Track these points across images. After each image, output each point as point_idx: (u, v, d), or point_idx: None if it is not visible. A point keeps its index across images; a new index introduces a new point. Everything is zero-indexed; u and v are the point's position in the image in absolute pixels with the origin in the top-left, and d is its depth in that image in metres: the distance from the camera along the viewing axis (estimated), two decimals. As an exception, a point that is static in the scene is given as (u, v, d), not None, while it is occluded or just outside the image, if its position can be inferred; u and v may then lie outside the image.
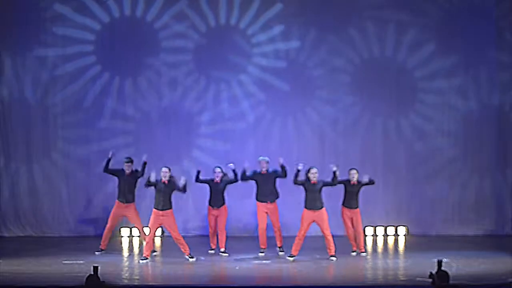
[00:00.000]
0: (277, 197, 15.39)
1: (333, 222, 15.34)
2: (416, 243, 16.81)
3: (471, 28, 17.50)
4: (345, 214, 15.32)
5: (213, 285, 13.13)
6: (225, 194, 15.42)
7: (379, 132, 17.71)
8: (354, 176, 15.23)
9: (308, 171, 14.77)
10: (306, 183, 14.74)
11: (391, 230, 17.60)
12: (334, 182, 14.81)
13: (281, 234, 15.39)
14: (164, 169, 14.80)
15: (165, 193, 14.71)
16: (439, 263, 8.80)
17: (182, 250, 14.79)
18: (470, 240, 16.99)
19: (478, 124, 17.68)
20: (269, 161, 15.39)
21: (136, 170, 15.41)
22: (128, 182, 15.36)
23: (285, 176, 15.20)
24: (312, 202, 14.69)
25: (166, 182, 14.73)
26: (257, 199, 15.38)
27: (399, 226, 17.66)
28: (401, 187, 17.62)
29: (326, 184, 14.76)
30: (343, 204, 15.34)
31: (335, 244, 14.76)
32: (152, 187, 14.74)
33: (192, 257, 14.71)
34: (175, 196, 14.87)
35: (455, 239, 17.08)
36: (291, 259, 14.69)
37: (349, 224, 15.30)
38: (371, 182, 15.22)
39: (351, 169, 15.34)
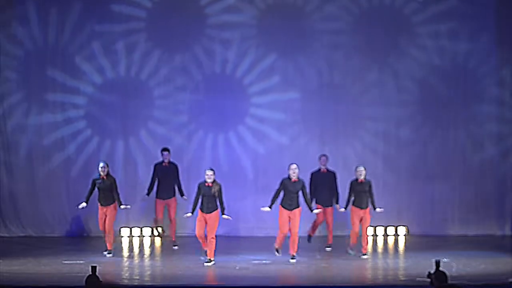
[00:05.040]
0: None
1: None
2: (416, 243, 16.82)
3: None
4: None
5: (213, 285, 13.14)
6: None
7: (379, 133, 17.75)
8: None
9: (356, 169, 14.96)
10: (354, 183, 14.87)
11: (391, 230, 17.61)
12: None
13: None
14: (101, 163, 14.97)
15: (105, 190, 14.88)
16: (437, 263, 8.79)
17: (107, 242, 14.93)
18: (470, 240, 17.00)
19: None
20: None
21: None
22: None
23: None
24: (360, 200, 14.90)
25: (105, 177, 14.85)
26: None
27: (399, 226, 17.66)
28: (401, 187, 17.62)
29: None
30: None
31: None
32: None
33: (110, 253, 14.91)
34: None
35: (455, 239, 17.09)
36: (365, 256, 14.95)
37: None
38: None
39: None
